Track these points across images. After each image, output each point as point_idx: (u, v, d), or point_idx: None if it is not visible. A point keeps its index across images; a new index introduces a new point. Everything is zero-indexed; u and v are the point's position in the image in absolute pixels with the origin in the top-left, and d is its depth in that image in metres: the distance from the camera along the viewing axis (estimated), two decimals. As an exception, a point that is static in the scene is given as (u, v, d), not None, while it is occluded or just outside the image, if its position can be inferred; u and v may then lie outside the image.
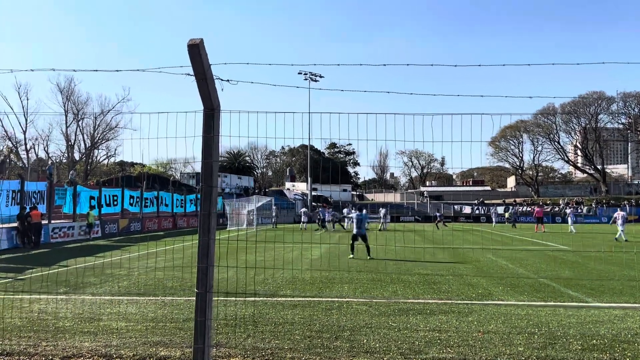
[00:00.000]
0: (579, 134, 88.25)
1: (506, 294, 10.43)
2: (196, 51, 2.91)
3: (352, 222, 17.95)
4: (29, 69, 4.30)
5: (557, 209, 64.33)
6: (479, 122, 4.81)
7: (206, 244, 3.23)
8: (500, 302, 9.52)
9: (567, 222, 37.02)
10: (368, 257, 16.95)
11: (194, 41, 2.86)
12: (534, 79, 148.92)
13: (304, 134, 68.57)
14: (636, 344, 6.60)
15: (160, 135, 4.50)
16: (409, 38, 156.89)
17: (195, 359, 3.24)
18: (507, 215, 52.81)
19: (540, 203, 62.94)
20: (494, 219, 50.11)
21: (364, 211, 19.03)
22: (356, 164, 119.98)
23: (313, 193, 75.39)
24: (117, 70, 3.88)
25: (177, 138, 3.76)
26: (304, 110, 70.99)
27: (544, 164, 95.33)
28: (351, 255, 17.03)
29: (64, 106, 69.25)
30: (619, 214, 26.68)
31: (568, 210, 38.12)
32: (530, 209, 64.81)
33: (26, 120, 66.49)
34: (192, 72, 3.02)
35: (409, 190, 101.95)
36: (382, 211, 41.28)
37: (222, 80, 3.16)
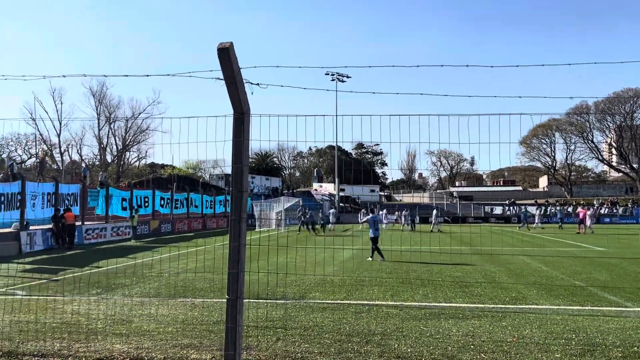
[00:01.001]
0: (613, 132, 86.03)
1: (540, 297, 10.17)
2: (226, 55, 2.87)
3: (368, 224, 17.60)
4: (62, 75, 4.34)
5: (591, 209, 62.72)
6: (510, 122, 4.67)
7: (237, 249, 3.19)
8: (535, 306, 9.29)
9: (598, 223, 36.17)
10: (370, 259, 16.85)
11: (224, 45, 2.83)
12: (571, 77, 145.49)
13: (332, 136, 68.59)
14: (680, 352, 6.33)
15: (190, 139, 4.50)
16: (440, 39, 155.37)
17: (226, 366, 3.20)
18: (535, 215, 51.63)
19: (582, 203, 61.10)
20: (523, 219, 47.79)
21: (377, 212, 18.84)
22: (384, 164, 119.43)
23: (340, 194, 75.28)
24: (147, 75, 3.90)
25: (207, 142, 3.74)
26: (331, 111, 70.95)
27: (577, 163, 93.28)
28: (381, 259, 16.85)
29: (96, 109, 70.68)
30: None
31: (589, 212, 36.86)
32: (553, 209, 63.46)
33: (60, 123, 68.02)
34: (221, 76, 2.99)
35: (438, 191, 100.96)
36: (402, 212, 41.19)
37: (251, 84, 3.13)
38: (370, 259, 17.00)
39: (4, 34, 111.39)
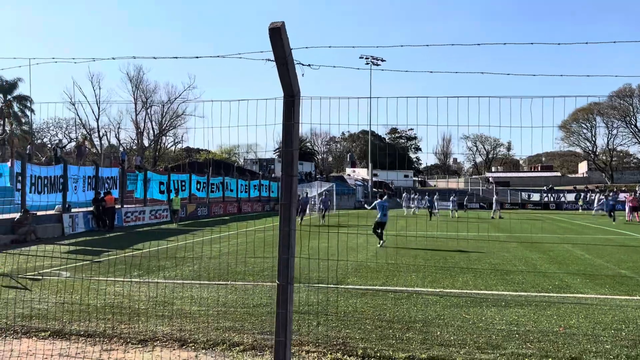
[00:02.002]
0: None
1: (585, 286, 9.89)
2: (277, 35, 2.79)
3: (376, 209, 17.35)
4: (111, 57, 4.34)
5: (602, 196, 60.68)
6: (550, 105, 4.46)
7: (287, 235, 3.14)
8: (580, 295, 9.03)
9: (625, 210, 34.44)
10: (379, 245, 16.62)
11: (275, 24, 2.75)
12: (617, 57, 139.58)
13: (366, 120, 68.11)
14: None
15: (225, 123, 4.45)
16: (478, 18, 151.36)
17: (277, 351, 3.17)
18: (580, 202, 50.14)
19: (637, 191, 58.85)
20: (595, 205, 43.96)
21: (385, 198, 18.55)
22: (418, 149, 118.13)
23: (374, 179, 74.95)
24: (197, 57, 3.85)
25: (257, 126, 3.69)
26: (365, 94, 70.48)
27: (618, 148, 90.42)
28: (380, 243, 16.70)
29: (134, 94, 71.86)
30: None
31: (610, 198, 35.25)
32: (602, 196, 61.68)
33: (99, 108, 69.51)
34: (271, 57, 2.92)
35: (474, 176, 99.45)
36: (427, 198, 40.64)
37: (302, 65, 3.06)
38: (380, 244, 16.75)
39: (38, 19, 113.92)
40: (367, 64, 70.15)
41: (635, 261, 13.40)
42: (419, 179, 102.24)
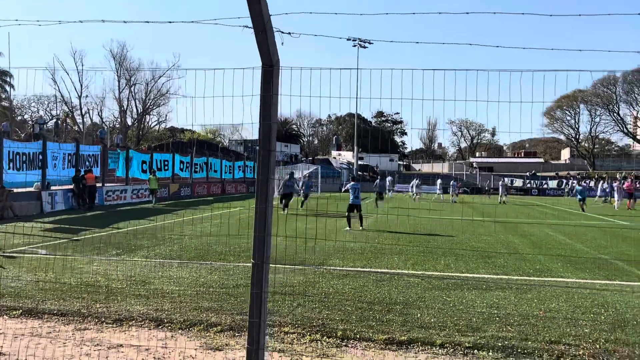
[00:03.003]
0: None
1: (566, 270, 9.93)
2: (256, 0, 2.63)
3: (349, 192, 17.18)
4: (79, 20, 4.14)
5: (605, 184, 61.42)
6: (541, 81, 4.33)
7: (263, 212, 3.01)
8: (561, 279, 9.06)
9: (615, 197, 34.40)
10: (361, 228, 16.37)
11: (253, -13, 2.58)
12: (614, 34, 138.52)
13: (351, 101, 67.86)
14: None
15: (208, 96, 4.29)
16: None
17: (251, 333, 3.06)
18: (566, 189, 50.44)
19: (628, 176, 59.15)
20: (598, 193, 43.62)
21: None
22: (403, 133, 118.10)
23: (359, 162, 74.91)
24: (170, 22, 3.66)
25: (227, 97, 3.53)
26: (352, 77, 70.06)
27: (601, 135, 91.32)
28: (347, 228, 16.32)
29: (117, 72, 70.62)
30: None
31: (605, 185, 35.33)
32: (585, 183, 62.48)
33: (81, 85, 68.29)
34: (249, 25, 2.76)
35: (458, 161, 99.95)
36: (414, 182, 40.68)
37: (282, 32, 2.90)
38: (347, 229, 16.30)
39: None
40: (355, 46, 69.62)
41: (616, 247, 13.52)
42: (404, 162, 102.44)
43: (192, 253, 10.99)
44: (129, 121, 74.33)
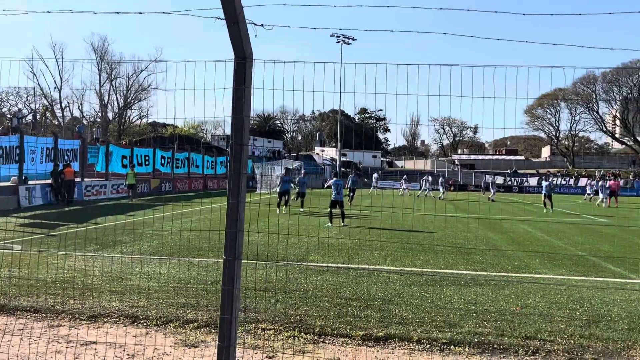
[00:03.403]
0: (619, 104, 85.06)
1: (543, 267, 10.03)
2: (227, -10, 2.58)
3: (331, 188, 17.12)
4: (69, 10, 4.03)
5: (593, 181, 62.26)
6: (525, 77, 4.33)
7: (235, 207, 2.96)
8: (538, 276, 9.15)
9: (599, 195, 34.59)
10: (342, 224, 16.33)
11: (225, -22, 2.53)
12: (617, 33, 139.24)
13: (335, 96, 67.81)
14: (688, 326, 6.19)
15: (189, 90, 4.21)
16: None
17: (222, 330, 3.01)
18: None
19: (612, 174, 59.70)
20: (588, 190, 41.37)
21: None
22: (387, 130, 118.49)
23: (342, 158, 74.98)
24: (140, 13, 3.58)
25: (207, 90, 3.48)
26: (336, 74, 69.93)
27: (580, 134, 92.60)
28: (329, 224, 16.30)
29: (98, 66, 69.71)
30: None
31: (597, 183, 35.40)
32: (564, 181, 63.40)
33: (61, 79, 67.32)
34: (222, 16, 2.71)
35: (440, 158, 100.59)
36: (404, 179, 40.81)
37: (255, 24, 2.84)
38: (329, 224, 16.29)
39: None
40: (338, 42, 69.58)
41: (592, 243, 13.70)
42: (387, 159, 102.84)
43: (171, 249, 10.88)
44: (110, 115, 73.50)
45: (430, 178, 40.44)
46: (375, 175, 48.67)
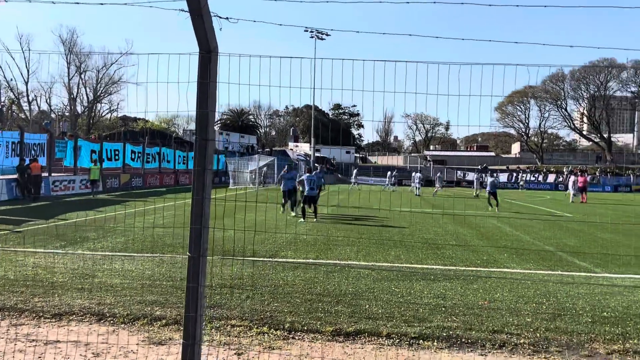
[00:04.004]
0: (586, 102, 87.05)
1: (511, 261, 10.20)
2: (191, -18, 2.52)
3: (304, 183, 16.94)
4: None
5: (561, 178, 63.62)
6: (500, 74, 4.38)
7: (200, 203, 2.92)
8: (506, 270, 9.29)
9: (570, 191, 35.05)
10: (314, 220, 16.26)
11: (189, -30, 2.48)
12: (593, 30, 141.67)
13: (309, 91, 67.70)
14: (648, 318, 6.37)
15: (160, 84, 4.13)
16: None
17: (187, 327, 2.97)
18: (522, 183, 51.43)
19: (580, 170, 60.59)
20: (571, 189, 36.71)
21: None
22: (360, 125, 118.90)
23: (316, 154, 74.97)
24: (101, 4, 3.49)
25: (171, 83, 3.42)
26: (311, 67, 69.68)
27: (549, 131, 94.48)
28: (301, 220, 16.17)
29: (66, 58, 68.18)
30: None
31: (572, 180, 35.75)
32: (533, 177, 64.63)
33: (28, 71, 65.66)
34: (186, 8, 2.65)
35: (413, 154, 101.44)
36: (390, 173, 40.63)
37: (220, 17, 2.80)
38: (301, 220, 16.15)
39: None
40: (312, 37, 69.40)
41: (559, 238, 13.99)
42: (360, 155, 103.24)
43: (140, 245, 10.72)
44: (79, 109, 72.05)
45: (420, 174, 39.81)
46: (355, 170, 48.88)
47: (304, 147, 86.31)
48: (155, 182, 37.46)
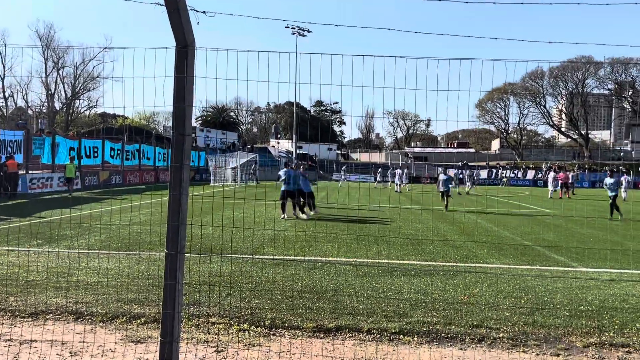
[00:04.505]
0: (564, 99, 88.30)
1: (491, 256, 10.30)
2: (167, -25, 2.49)
3: (282, 179, 16.74)
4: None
5: (540, 174, 64.38)
6: (475, 70, 4.40)
7: (177, 200, 2.88)
8: (486, 265, 9.39)
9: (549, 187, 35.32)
10: (294, 215, 16.19)
11: (165, -37, 2.44)
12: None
13: (290, 89, 67.53)
14: (624, 311, 6.49)
15: (138, 79, 4.07)
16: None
17: (164, 325, 2.94)
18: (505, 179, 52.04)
19: (559, 167, 61.05)
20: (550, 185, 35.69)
21: (288, 170, 17.77)
22: (342, 122, 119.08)
23: (298, 151, 74.86)
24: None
25: (147, 78, 3.37)
26: (292, 63, 69.46)
27: (528, 127, 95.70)
28: (283, 216, 16.07)
29: (44, 54, 67.10)
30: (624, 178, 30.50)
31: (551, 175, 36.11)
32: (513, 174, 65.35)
33: (4, 67, 64.46)
34: (162, 2, 2.62)
35: (394, 151, 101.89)
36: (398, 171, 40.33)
37: (197, 11, 2.76)
38: (283, 216, 16.08)
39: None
40: (293, 34, 69.20)
41: (538, 233, 14.17)
42: (342, 152, 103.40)
43: (119, 243, 10.60)
44: (57, 105, 70.96)
45: (400, 171, 38.69)
46: (344, 168, 48.96)
47: (286, 144, 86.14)
48: (135, 179, 37.08)
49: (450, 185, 22.43)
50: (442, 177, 22.57)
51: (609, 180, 19.48)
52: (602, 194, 26.80)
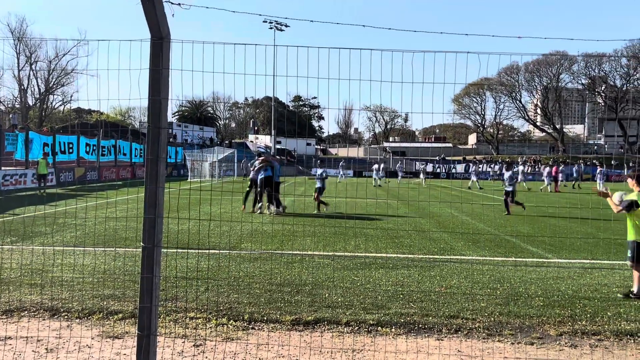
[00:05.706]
0: (540, 93, 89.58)
1: (468, 249, 10.44)
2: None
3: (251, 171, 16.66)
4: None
5: (516, 168, 65.04)
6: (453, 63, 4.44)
7: (154, 193, 2.87)
8: (462, 257, 9.52)
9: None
10: (273, 211, 15.80)
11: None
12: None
13: (267, 82, 67.25)
14: (596, 300, 6.64)
15: (112, 73, 4.03)
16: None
17: (141, 319, 2.93)
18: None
19: (552, 161, 61.86)
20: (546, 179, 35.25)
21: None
22: (321, 117, 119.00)
23: (277, 146, 74.67)
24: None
25: (123, 70, 3.34)
26: (269, 64, 69.00)
27: (504, 122, 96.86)
28: (242, 207, 16.34)
29: (16, 48, 65.69)
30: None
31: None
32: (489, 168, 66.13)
33: (-26, 61, 62.89)
34: (137, -7, 2.59)
35: (373, 146, 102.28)
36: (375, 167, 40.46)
37: (172, 3, 2.74)
38: (255, 209, 16.10)
39: None
40: (271, 28, 68.86)
41: (513, 226, 14.39)
42: (321, 147, 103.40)
43: (95, 239, 10.48)
44: (30, 101, 69.57)
45: (377, 165, 38.61)
46: (342, 163, 49.04)
47: (265, 139, 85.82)
48: (112, 175, 36.63)
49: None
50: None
51: (506, 174, 17.53)
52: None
